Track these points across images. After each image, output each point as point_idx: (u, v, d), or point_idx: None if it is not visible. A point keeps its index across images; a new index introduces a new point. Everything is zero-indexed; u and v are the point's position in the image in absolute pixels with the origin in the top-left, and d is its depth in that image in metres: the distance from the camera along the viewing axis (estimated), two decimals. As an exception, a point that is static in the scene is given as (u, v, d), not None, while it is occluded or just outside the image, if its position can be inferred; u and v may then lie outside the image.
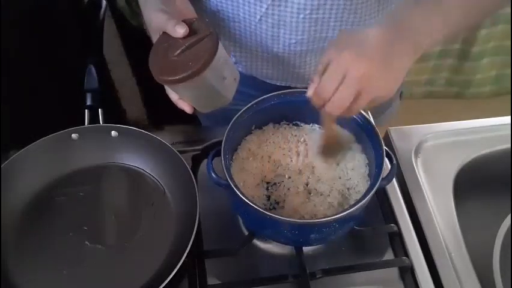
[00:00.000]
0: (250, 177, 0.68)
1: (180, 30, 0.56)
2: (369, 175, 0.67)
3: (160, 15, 0.58)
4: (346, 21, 0.67)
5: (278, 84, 0.80)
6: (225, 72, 0.60)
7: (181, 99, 0.63)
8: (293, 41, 0.69)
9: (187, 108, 0.64)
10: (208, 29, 0.57)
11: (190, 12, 0.63)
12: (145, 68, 0.58)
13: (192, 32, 0.57)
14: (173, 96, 0.64)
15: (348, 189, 0.66)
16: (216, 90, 0.60)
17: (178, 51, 0.56)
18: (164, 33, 0.58)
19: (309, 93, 0.56)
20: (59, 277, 0.64)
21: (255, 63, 0.77)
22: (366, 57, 0.51)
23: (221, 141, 0.63)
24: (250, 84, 0.80)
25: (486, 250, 0.60)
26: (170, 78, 0.56)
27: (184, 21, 0.57)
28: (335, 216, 0.57)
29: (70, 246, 0.67)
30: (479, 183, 0.78)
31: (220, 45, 0.57)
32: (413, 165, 0.76)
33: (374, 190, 0.59)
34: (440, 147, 0.79)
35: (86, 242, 0.67)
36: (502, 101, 1.91)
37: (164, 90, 0.65)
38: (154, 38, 0.61)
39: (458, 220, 0.70)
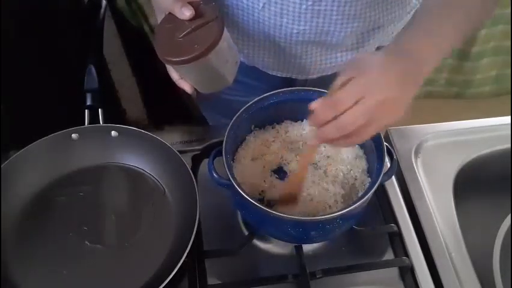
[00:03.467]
0: (251, 176, 0.68)
1: (187, 13, 0.57)
2: (368, 171, 0.67)
3: None
4: (348, 16, 0.67)
5: (279, 75, 0.81)
6: (228, 55, 0.62)
7: (182, 79, 0.64)
8: (295, 30, 0.69)
9: (188, 88, 0.65)
10: (215, 12, 0.58)
11: None
12: (145, 68, 0.58)
13: (198, 14, 0.58)
14: (174, 75, 0.65)
15: (349, 187, 0.66)
16: (218, 73, 0.62)
17: (183, 33, 0.57)
18: (170, 13, 0.59)
19: (314, 104, 0.52)
20: (59, 277, 0.64)
21: (257, 52, 0.77)
22: (387, 84, 0.50)
23: (221, 142, 0.63)
24: (251, 75, 0.81)
25: (486, 250, 0.60)
26: (175, 59, 0.57)
27: (190, 3, 0.58)
28: (339, 213, 0.58)
29: (70, 246, 0.67)
30: (479, 183, 0.78)
31: (225, 29, 0.58)
32: (413, 165, 0.76)
33: (376, 185, 0.59)
34: (440, 147, 0.79)
35: (86, 242, 0.67)
36: (502, 101, 1.91)
37: (164, 90, 0.65)
38: (160, 18, 0.62)
39: (458, 220, 0.70)
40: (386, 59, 0.53)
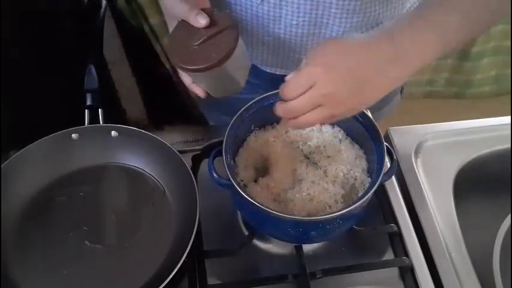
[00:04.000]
0: (251, 176, 0.68)
1: (202, 21, 0.57)
2: (368, 171, 0.67)
3: (182, 5, 0.59)
4: (347, 10, 0.67)
5: (277, 72, 0.81)
6: (242, 61, 0.62)
7: (194, 83, 0.65)
8: (294, 22, 0.69)
9: (200, 93, 0.65)
10: (229, 20, 0.58)
11: (205, 2, 0.64)
12: (145, 68, 0.58)
13: (212, 22, 0.58)
14: (186, 80, 0.65)
15: (349, 187, 0.67)
16: (232, 79, 0.62)
17: (199, 41, 0.57)
18: (183, 20, 0.59)
19: (288, 77, 0.55)
20: (59, 277, 0.64)
21: (255, 47, 0.77)
22: (339, 78, 0.51)
23: (221, 142, 0.63)
24: (251, 73, 0.81)
25: (486, 250, 0.60)
26: (192, 67, 0.57)
27: (204, 10, 0.58)
28: (339, 213, 0.58)
29: (70, 246, 0.67)
30: (479, 183, 0.78)
31: (239, 37, 0.59)
32: (413, 165, 0.76)
33: (376, 185, 0.59)
34: (440, 147, 0.79)
35: (86, 242, 0.67)
36: (502, 101, 1.91)
37: (164, 90, 0.65)
38: (171, 25, 0.62)
39: (458, 220, 0.70)
40: (351, 50, 0.52)
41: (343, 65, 0.52)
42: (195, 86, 0.65)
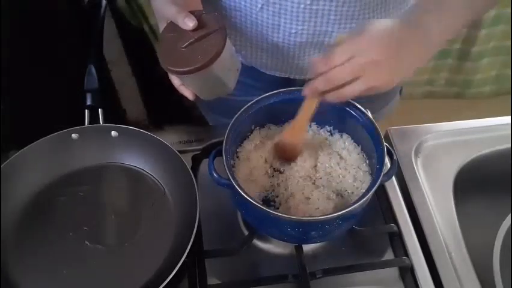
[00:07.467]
0: (251, 176, 0.68)
1: (190, 23, 0.58)
2: (370, 173, 0.67)
3: (171, 7, 0.59)
4: (346, 16, 0.67)
5: (277, 75, 0.81)
6: (230, 64, 0.62)
7: (183, 85, 0.65)
8: (293, 30, 0.70)
9: (189, 95, 0.65)
10: (217, 23, 0.58)
11: (197, 4, 0.64)
12: (145, 68, 0.58)
13: (200, 24, 0.58)
14: (175, 81, 0.65)
15: (348, 188, 0.66)
16: (220, 81, 0.62)
17: (186, 43, 0.57)
18: (172, 22, 0.60)
19: (314, 58, 0.57)
20: (59, 277, 0.64)
21: (254, 53, 0.77)
22: (379, 47, 0.54)
23: (221, 142, 0.63)
24: (249, 75, 0.81)
25: (486, 250, 0.60)
26: (178, 70, 0.57)
27: (192, 13, 0.58)
28: (339, 213, 0.58)
29: (70, 246, 0.67)
30: (479, 183, 0.78)
31: (227, 39, 0.58)
32: (413, 165, 0.76)
33: (376, 185, 0.59)
34: (440, 147, 0.79)
35: (86, 242, 0.67)
36: (502, 101, 1.91)
37: (164, 90, 0.65)
38: (161, 26, 0.63)
39: (458, 220, 0.70)
40: (390, 24, 0.56)
41: (385, 39, 0.55)
42: (184, 88, 0.65)
